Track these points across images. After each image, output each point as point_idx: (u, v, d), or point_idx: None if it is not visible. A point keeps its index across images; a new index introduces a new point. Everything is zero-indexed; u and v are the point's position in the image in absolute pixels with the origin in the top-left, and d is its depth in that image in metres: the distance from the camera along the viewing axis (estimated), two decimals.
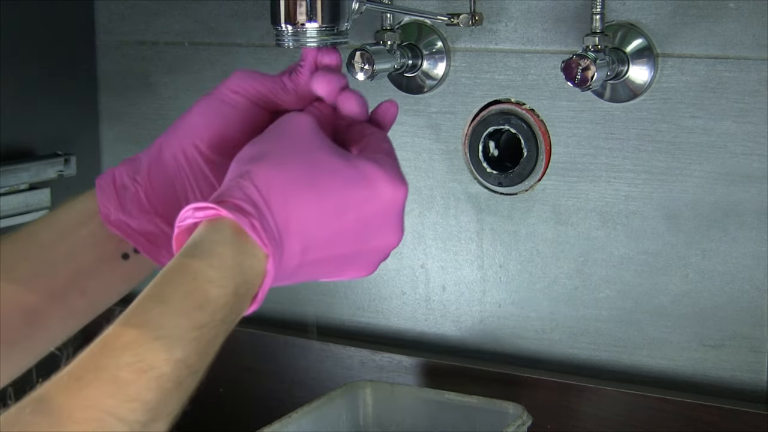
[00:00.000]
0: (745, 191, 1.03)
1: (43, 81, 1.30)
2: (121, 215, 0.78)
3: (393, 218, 0.72)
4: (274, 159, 0.69)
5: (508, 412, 1.02)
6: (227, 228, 0.64)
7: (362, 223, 0.70)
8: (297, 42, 0.85)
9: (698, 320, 1.06)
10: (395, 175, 0.72)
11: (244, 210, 0.65)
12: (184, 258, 0.64)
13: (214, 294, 0.63)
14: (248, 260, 0.64)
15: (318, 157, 0.70)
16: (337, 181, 0.69)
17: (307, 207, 0.68)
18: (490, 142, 1.13)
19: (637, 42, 1.04)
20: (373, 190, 0.70)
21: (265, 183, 0.67)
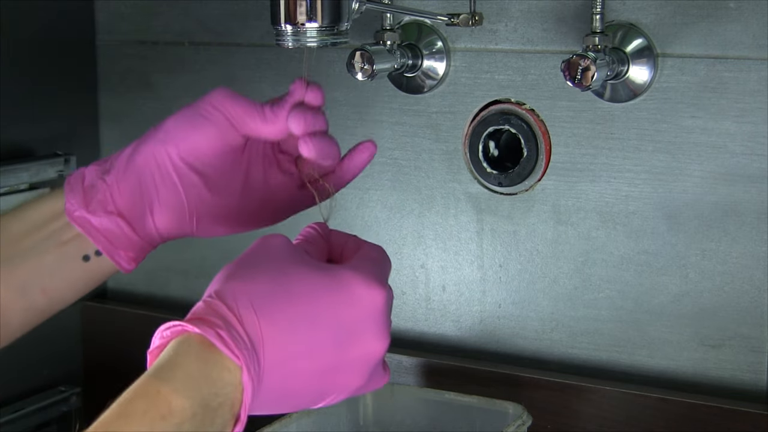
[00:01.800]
0: (745, 191, 1.03)
1: (43, 81, 1.30)
2: (84, 212, 0.78)
3: (374, 324, 0.69)
4: (242, 275, 0.67)
5: (508, 412, 1.02)
6: (193, 342, 0.63)
7: (341, 330, 0.68)
8: (297, 42, 0.86)
9: (698, 320, 1.06)
10: (372, 279, 0.69)
11: (210, 322, 0.64)
12: (149, 373, 0.63)
13: (178, 405, 0.61)
14: (216, 371, 0.63)
15: (290, 268, 0.68)
16: (310, 287, 0.67)
17: (281, 315, 0.66)
18: (490, 142, 1.13)
19: (637, 42, 1.04)
20: (349, 295, 0.68)
21: (233, 297, 0.66)
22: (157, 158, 0.78)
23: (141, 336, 1.47)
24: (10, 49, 1.25)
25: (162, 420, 0.61)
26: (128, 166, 0.79)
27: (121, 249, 0.80)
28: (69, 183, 0.80)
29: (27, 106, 1.29)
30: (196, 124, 0.79)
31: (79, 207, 0.79)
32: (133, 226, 0.79)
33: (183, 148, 0.78)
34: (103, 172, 0.79)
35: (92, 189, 0.79)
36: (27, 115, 1.29)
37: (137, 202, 0.79)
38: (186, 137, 0.79)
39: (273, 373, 0.65)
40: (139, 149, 0.79)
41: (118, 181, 0.79)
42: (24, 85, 1.28)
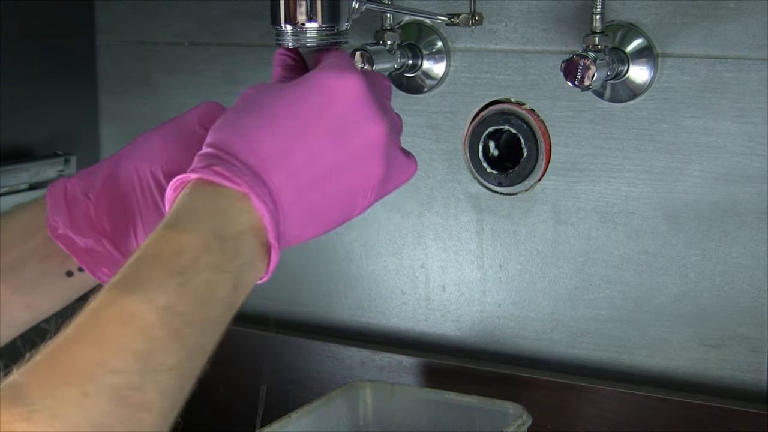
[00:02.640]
0: (745, 191, 1.03)
1: (43, 81, 1.30)
2: (69, 230, 0.78)
3: (361, 108, 0.70)
4: (225, 120, 0.69)
5: (508, 412, 1.02)
6: (196, 186, 0.65)
7: (332, 126, 0.69)
8: (297, 42, 0.86)
9: (698, 320, 1.06)
10: (340, 70, 0.71)
11: (204, 166, 0.65)
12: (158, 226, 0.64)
13: (189, 240, 0.62)
14: (224, 202, 0.64)
15: (266, 93, 0.70)
16: (287, 101, 0.69)
17: (270, 136, 0.67)
18: (490, 142, 1.13)
19: (637, 42, 1.04)
20: (323, 92, 0.70)
21: (220, 138, 0.67)
22: (141, 177, 0.78)
23: None
24: (10, 49, 1.25)
25: (176, 256, 0.61)
26: (111, 183, 0.78)
27: (104, 266, 0.79)
28: (51, 195, 0.78)
29: (27, 106, 1.29)
30: (182, 143, 0.78)
31: (63, 225, 0.78)
32: (117, 245, 0.79)
33: (167, 167, 0.78)
34: (86, 188, 0.78)
35: (76, 205, 0.78)
36: (27, 115, 1.29)
37: (121, 221, 0.78)
38: (171, 157, 0.78)
39: (286, 190, 0.66)
40: (122, 166, 0.78)
41: (102, 199, 0.78)
42: (24, 85, 1.28)
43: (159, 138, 0.79)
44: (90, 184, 0.79)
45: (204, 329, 0.61)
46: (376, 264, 1.22)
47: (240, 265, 0.63)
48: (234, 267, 0.63)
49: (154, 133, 0.79)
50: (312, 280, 1.26)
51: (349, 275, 1.24)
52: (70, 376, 0.56)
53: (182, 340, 0.60)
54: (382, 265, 1.22)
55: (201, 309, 0.61)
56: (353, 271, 1.24)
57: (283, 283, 1.28)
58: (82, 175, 0.80)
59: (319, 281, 1.26)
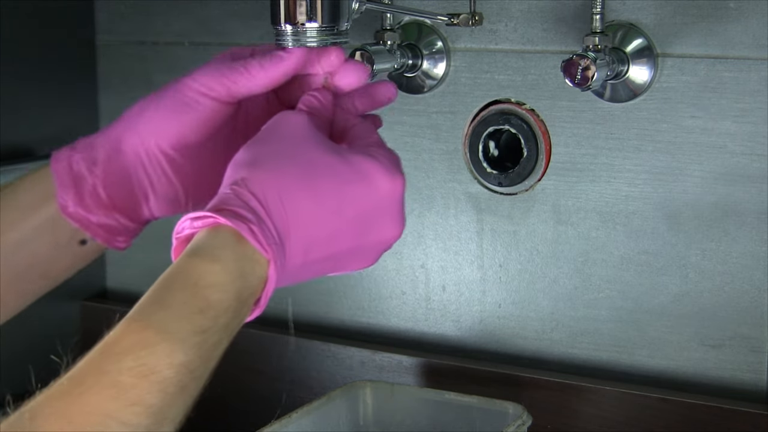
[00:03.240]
0: (745, 191, 1.03)
1: (43, 81, 1.30)
2: (79, 209, 0.78)
3: (393, 211, 0.72)
4: (269, 163, 0.68)
5: (508, 412, 1.02)
6: (227, 234, 0.64)
7: (362, 218, 0.70)
8: (297, 42, 0.85)
9: (698, 320, 1.06)
10: (391, 168, 0.72)
11: (242, 216, 0.65)
12: (186, 262, 0.64)
13: (216, 298, 0.62)
14: (249, 265, 0.64)
15: (313, 157, 0.70)
16: (335, 179, 0.69)
17: (306, 209, 0.68)
18: (490, 142, 1.13)
19: (637, 42, 1.04)
20: (370, 185, 0.70)
21: (261, 188, 0.67)
22: (148, 152, 0.77)
23: None
24: (10, 49, 1.25)
25: (200, 314, 0.61)
26: (116, 158, 0.78)
27: (118, 236, 0.79)
28: (57, 172, 0.78)
29: (27, 106, 1.29)
30: (185, 115, 0.77)
31: (74, 204, 0.78)
32: (130, 217, 0.79)
33: (174, 141, 0.77)
34: (90, 163, 0.78)
35: (82, 182, 0.77)
36: (27, 115, 1.29)
37: (131, 194, 0.78)
38: (176, 130, 0.77)
39: (294, 262, 0.68)
40: (125, 140, 0.77)
41: (108, 175, 0.78)
42: (24, 85, 1.28)
43: (161, 111, 0.78)
44: (93, 158, 0.78)
45: (201, 384, 0.62)
46: (376, 264, 1.22)
47: (238, 323, 0.65)
48: (236, 326, 0.64)
49: (154, 105, 0.78)
50: (312, 280, 1.26)
51: (349, 275, 1.24)
52: (83, 426, 0.56)
53: (188, 394, 0.61)
54: (382, 265, 1.22)
55: (207, 365, 0.62)
56: None
57: None
58: (82, 147, 0.79)
59: (319, 281, 1.26)
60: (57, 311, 1.33)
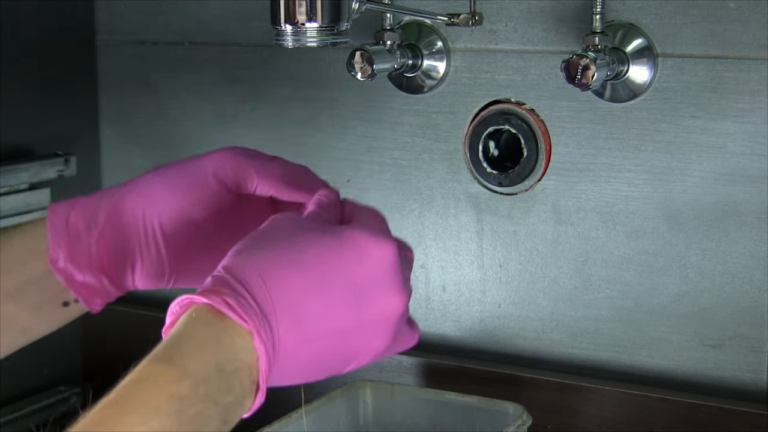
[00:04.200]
0: (745, 191, 1.03)
1: (43, 81, 1.30)
2: (69, 264, 0.78)
3: (388, 279, 0.68)
4: (251, 247, 0.67)
5: (508, 412, 1.02)
6: (202, 312, 0.64)
7: (355, 289, 0.67)
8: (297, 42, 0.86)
9: (698, 320, 1.06)
10: (378, 234, 0.69)
11: (216, 291, 0.64)
12: (162, 344, 0.63)
13: (192, 364, 0.61)
14: (228, 337, 0.63)
15: (297, 235, 0.68)
16: (318, 250, 0.67)
17: (291, 281, 0.65)
18: (490, 142, 1.13)
19: (637, 42, 1.04)
20: (357, 253, 0.67)
21: (240, 268, 0.65)
22: (146, 222, 0.78)
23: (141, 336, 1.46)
24: (10, 49, 1.25)
25: (177, 382, 0.60)
26: (115, 222, 0.78)
27: (97, 298, 0.80)
28: (53, 225, 0.78)
29: (27, 106, 1.29)
30: (193, 196, 0.78)
31: (65, 259, 0.78)
32: (113, 281, 0.79)
33: (173, 213, 0.78)
34: (89, 222, 0.78)
35: (77, 239, 0.78)
36: (27, 115, 1.29)
37: (121, 259, 0.78)
38: (180, 209, 0.77)
39: (288, 339, 0.65)
40: (127, 206, 0.78)
41: (104, 237, 0.78)
42: (24, 85, 1.28)
43: (169, 186, 0.78)
44: (92, 218, 0.78)
45: None
46: None
47: (232, 400, 0.63)
48: (226, 401, 0.62)
49: (164, 178, 0.78)
50: None
51: None
52: None
53: None
54: None
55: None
56: None
57: None
58: (83, 205, 0.79)
59: None
60: None
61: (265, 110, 1.26)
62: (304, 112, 1.24)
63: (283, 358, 0.65)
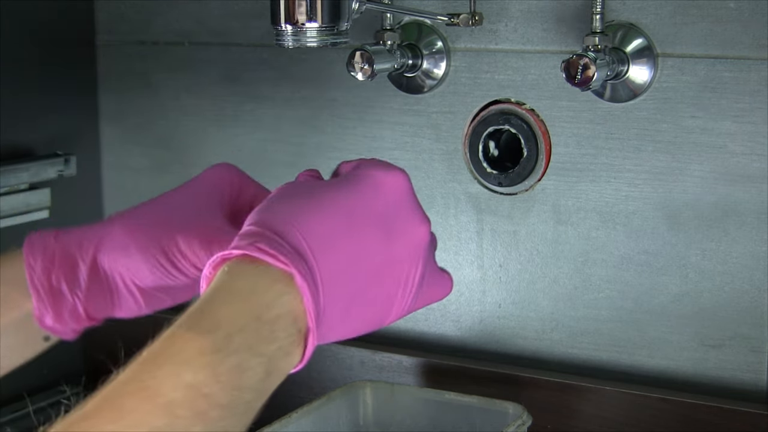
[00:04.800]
0: (745, 191, 1.03)
1: (43, 81, 1.30)
2: (57, 324, 0.79)
3: (407, 206, 0.70)
4: (272, 204, 0.68)
5: (508, 412, 1.02)
6: (236, 264, 0.62)
7: (379, 221, 0.68)
8: (297, 42, 0.86)
9: (698, 320, 1.06)
10: (388, 166, 0.71)
11: (246, 241, 0.63)
12: (195, 302, 0.62)
13: (225, 315, 0.60)
14: (265, 282, 0.61)
15: (312, 187, 0.69)
16: (336, 193, 0.68)
17: (319, 223, 0.65)
18: (490, 142, 1.13)
19: (637, 42, 1.04)
20: (373, 187, 0.69)
21: (262, 217, 0.65)
22: (126, 284, 0.79)
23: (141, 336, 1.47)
24: (10, 49, 1.25)
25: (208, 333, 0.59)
26: (96, 282, 0.79)
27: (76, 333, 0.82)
28: (34, 286, 0.78)
29: (27, 106, 1.29)
30: (166, 270, 0.78)
31: (52, 319, 0.79)
32: (93, 322, 0.82)
33: (150, 284, 0.79)
34: (72, 284, 0.79)
35: (62, 299, 0.79)
36: (27, 115, 1.29)
37: (102, 311, 0.80)
38: (154, 278, 0.78)
39: (329, 278, 0.64)
40: (105, 266, 0.79)
41: (88, 296, 0.79)
42: (24, 85, 1.28)
43: (147, 260, 0.78)
44: (74, 279, 0.79)
45: (231, 413, 0.58)
46: None
47: (275, 350, 0.60)
48: (269, 351, 0.60)
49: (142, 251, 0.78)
50: None
51: None
52: None
53: (207, 423, 0.57)
54: None
55: (229, 392, 0.58)
56: None
57: None
58: (61, 262, 0.79)
59: None
60: None
61: (265, 110, 1.26)
62: (304, 112, 1.24)
63: (327, 302, 0.64)
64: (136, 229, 0.78)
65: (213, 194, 0.80)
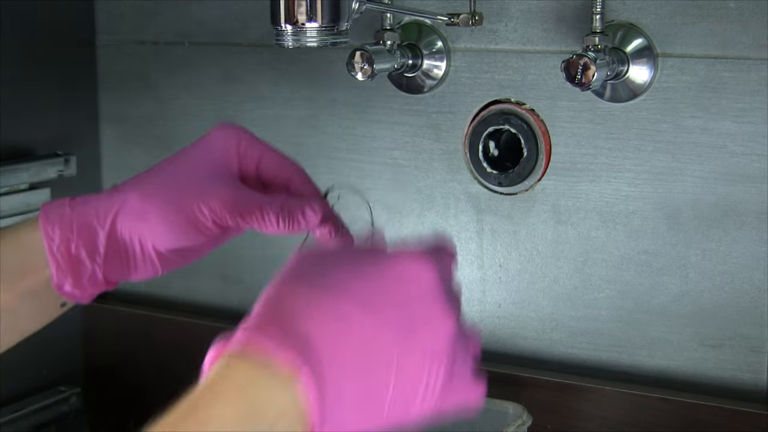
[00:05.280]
0: (745, 191, 1.03)
1: (43, 81, 1.30)
2: (76, 290, 0.80)
3: (431, 296, 0.63)
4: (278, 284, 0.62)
5: (508, 412, 1.02)
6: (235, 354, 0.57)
7: (400, 310, 0.62)
8: (297, 42, 0.86)
9: (698, 320, 1.06)
10: (413, 253, 0.65)
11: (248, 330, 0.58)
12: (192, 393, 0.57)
13: (218, 412, 0.55)
14: (264, 374, 0.56)
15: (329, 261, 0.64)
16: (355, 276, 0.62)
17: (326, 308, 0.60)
18: (490, 142, 1.13)
19: (637, 42, 1.04)
20: (396, 273, 0.63)
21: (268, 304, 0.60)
22: (144, 248, 0.80)
23: (141, 336, 1.47)
24: (10, 49, 1.25)
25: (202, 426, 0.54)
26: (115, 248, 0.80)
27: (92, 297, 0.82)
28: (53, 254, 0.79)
29: (27, 106, 1.29)
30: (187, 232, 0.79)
31: (71, 286, 0.80)
32: (110, 286, 0.82)
33: (169, 246, 0.79)
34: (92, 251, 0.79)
35: (81, 266, 0.79)
36: (27, 115, 1.29)
37: (119, 275, 0.81)
38: (174, 239, 0.79)
39: (342, 377, 0.58)
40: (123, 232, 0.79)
41: (108, 262, 0.80)
42: (24, 85, 1.28)
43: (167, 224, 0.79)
44: (94, 247, 0.79)
45: None
46: None
47: None
48: None
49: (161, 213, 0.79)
50: None
51: None
52: None
53: None
54: None
55: None
56: None
57: None
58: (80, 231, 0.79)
59: None
60: None
61: (265, 110, 1.26)
62: (304, 112, 1.24)
63: (336, 399, 0.58)
64: (153, 195, 0.79)
65: (223, 156, 0.81)
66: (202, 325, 1.26)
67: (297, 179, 0.83)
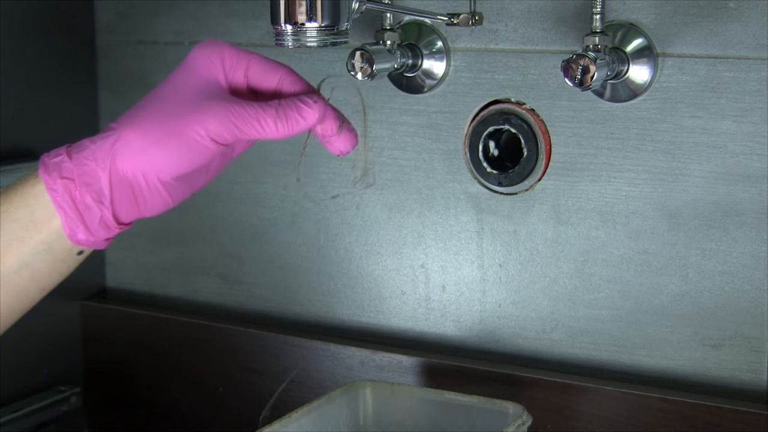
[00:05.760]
0: (745, 191, 1.03)
1: (43, 81, 1.30)
2: (89, 236, 0.80)
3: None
4: None
5: (508, 412, 1.02)
6: None
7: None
8: (297, 42, 0.86)
9: (698, 320, 1.06)
10: None
11: None
12: None
13: None
14: None
15: None
16: None
17: None
18: (490, 142, 1.13)
19: (637, 42, 1.04)
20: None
21: None
22: (148, 181, 0.79)
23: (141, 336, 1.47)
24: (10, 49, 1.25)
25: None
26: (120, 187, 0.79)
27: (108, 240, 0.82)
28: (60, 205, 0.79)
29: (27, 106, 1.29)
30: (187, 155, 0.79)
31: (83, 233, 0.80)
32: (123, 227, 0.82)
33: (174, 173, 0.79)
34: (98, 195, 0.79)
35: (89, 212, 0.79)
36: (27, 115, 1.29)
37: (129, 213, 0.81)
38: (176, 165, 0.79)
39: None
40: (126, 170, 0.79)
41: (115, 201, 0.80)
42: (24, 85, 1.28)
43: (166, 150, 0.79)
44: (99, 191, 0.79)
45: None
46: (376, 264, 1.22)
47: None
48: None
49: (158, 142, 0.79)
50: (312, 280, 1.26)
51: (349, 275, 1.24)
52: None
53: None
54: (382, 265, 1.22)
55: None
56: (353, 271, 1.24)
57: (283, 283, 1.28)
58: (81, 176, 0.79)
59: (319, 281, 1.26)
60: (57, 311, 1.33)
61: None
62: None
63: None
64: (147, 127, 0.79)
65: (209, 74, 0.81)
66: (202, 325, 1.26)
67: (287, 80, 0.83)
